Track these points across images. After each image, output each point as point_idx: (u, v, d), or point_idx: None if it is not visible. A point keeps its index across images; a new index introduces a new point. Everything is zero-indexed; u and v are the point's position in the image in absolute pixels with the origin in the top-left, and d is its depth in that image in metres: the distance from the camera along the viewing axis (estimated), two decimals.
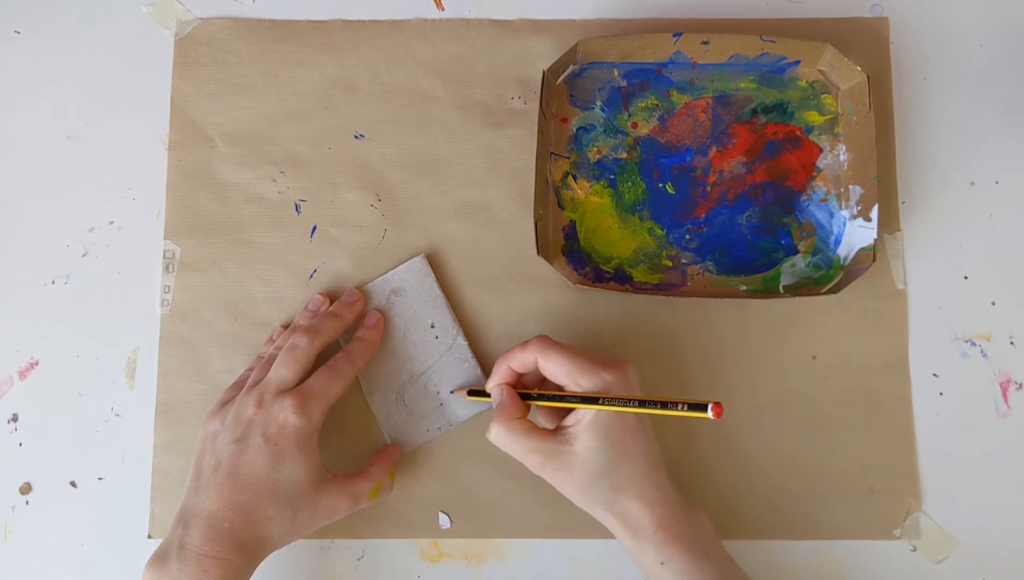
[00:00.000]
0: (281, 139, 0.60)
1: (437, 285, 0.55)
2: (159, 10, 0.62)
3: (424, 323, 0.54)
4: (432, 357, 0.54)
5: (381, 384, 0.54)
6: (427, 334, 0.54)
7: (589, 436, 0.47)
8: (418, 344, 0.54)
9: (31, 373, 0.58)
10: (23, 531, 0.56)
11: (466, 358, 0.54)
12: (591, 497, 0.48)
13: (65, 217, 0.59)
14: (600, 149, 0.59)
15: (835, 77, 0.59)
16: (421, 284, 0.55)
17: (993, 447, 0.56)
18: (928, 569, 0.55)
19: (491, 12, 0.61)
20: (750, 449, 0.56)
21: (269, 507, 0.48)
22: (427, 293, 0.55)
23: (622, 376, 0.48)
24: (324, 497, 0.49)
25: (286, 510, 0.48)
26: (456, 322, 0.54)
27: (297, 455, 0.48)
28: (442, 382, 0.55)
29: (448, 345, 0.54)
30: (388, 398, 0.54)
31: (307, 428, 0.49)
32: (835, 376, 0.57)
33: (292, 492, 0.48)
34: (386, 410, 0.54)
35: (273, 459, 0.48)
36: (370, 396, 0.54)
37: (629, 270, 0.58)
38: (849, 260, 0.57)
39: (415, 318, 0.54)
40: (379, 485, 0.52)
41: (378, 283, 0.55)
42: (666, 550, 0.47)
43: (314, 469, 0.49)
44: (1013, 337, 0.57)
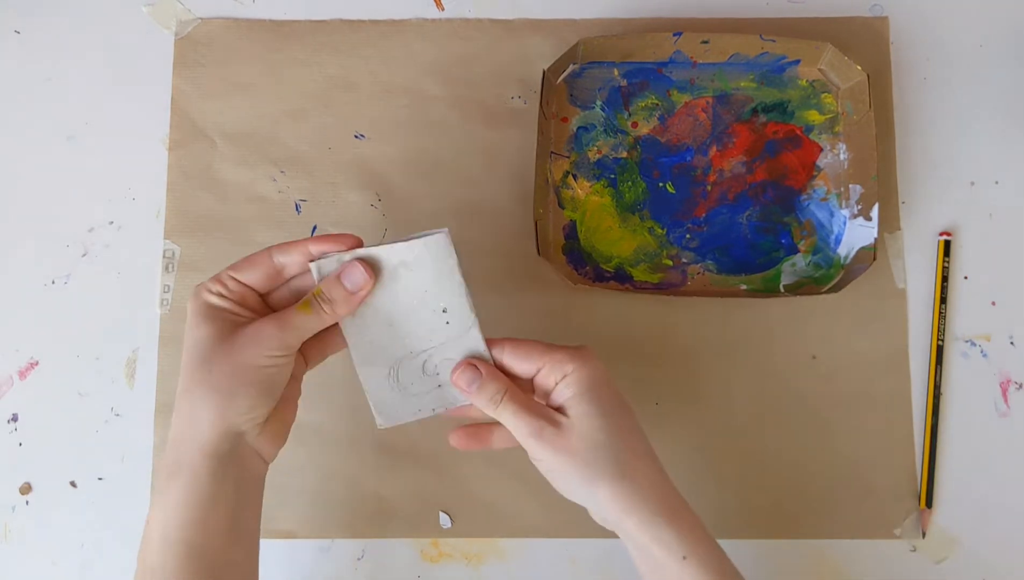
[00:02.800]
0: (281, 139, 0.60)
1: (458, 269, 0.47)
2: (159, 10, 0.62)
3: (435, 305, 0.47)
4: (437, 339, 0.48)
5: (374, 357, 0.48)
6: (436, 316, 0.48)
7: (582, 403, 0.44)
8: (424, 323, 0.48)
9: (31, 373, 0.58)
10: (23, 531, 0.56)
11: (478, 351, 0.48)
12: (595, 469, 0.43)
13: (65, 217, 0.59)
14: (600, 148, 0.59)
15: (835, 76, 0.59)
16: (440, 264, 0.47)
17: (993, 447, 0.56)
18: (928, 569, 0.55)
19: (491, 12, 0.61)
20: (750, 449, 0.56)
21: (186, 381, 0.43)
22: (445, 275, 0.47)
23: (582, 354, 0.46)
24: (242, 330, 0.43)
25: (202, 369, 0.43)
26: (474, 313, 0.47)
27: (197, 320, 0.44)
28: (444, 366, 0.48)
29: (459, 333, 0.48)
30: (380, 371, 0.48)
31: (197, 302, 0.44)
32: (835, 376, 0.57)
33: (202, 349, 0.43)
34: (376, 383, 0.48)
35: (185, 345, 0.44)
36: (360, 367, 0.48)
37: (629, 269, 0.58)
38: (849, 259, 0.57)
39: (425, 297, 0.47)
40: (307, 300, 0.45)
41: (387, 251, 0.46)
42: (689, 542, 0.43)
43: (221, 321, 0.44)
44: (1013, 337, 0.57)
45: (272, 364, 0.43)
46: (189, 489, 0.42)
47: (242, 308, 0.45)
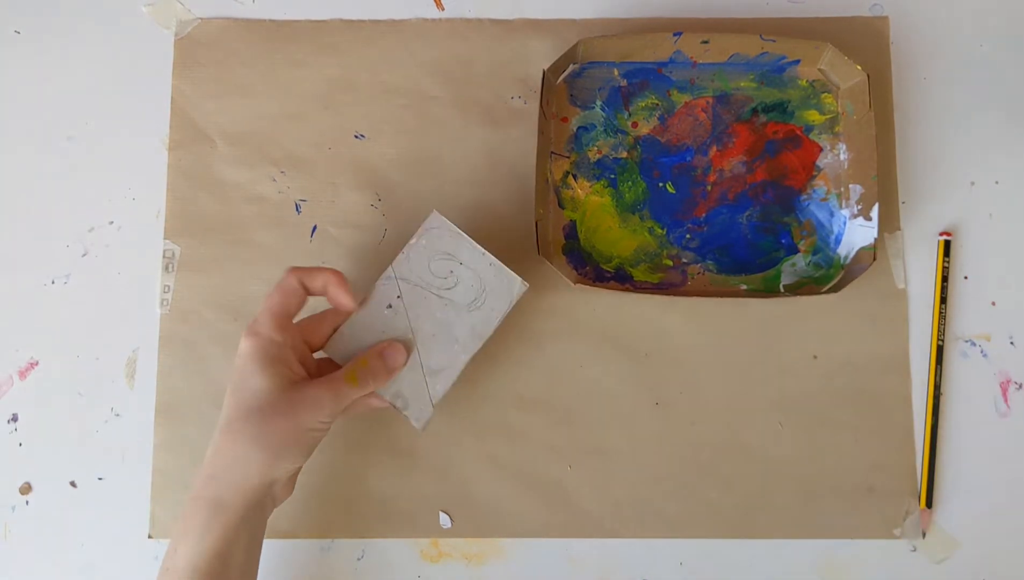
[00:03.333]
0: (281, 139, 0.60)
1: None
2: (159, 10, 0.62)
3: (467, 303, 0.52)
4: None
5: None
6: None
7: None
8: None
9: (31, 373, 0.58)
10: (23, 531, 0.56)
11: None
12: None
13: (65, 217, 0.59)
14: (600, 148, 0.59)
15: (835, 76, 0.59)
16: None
17: (993, 447, 0.56)
18: (928, 569, 0.55)
19: (491, 12, 0.61)
20: (750, 448, 0.56)
21: (236, 424, 0.45)
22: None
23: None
24: (301, 391, 0.46)
25: (256, 421, 0.45)
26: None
27: (255, 365, 0.46)
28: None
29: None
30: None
31: (258, 343, 0.46)
32: (835, 376, 0.57)
33: (260, 400, 0.45)
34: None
35: (236, 386, 0.46)
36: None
37: (629, 269, 0.58)
38: (849, 259, 0.57)
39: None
40: (354, 371, 0.48)
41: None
42: None
43: (280, 375, 0.46)
44: (1013, 337, 0.57)
45: (322, 429, 0.47)
46: (225, 527, 0.45)
47: (297, 363, 0.48)
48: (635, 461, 0.56)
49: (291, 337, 0.48)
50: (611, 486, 0.56)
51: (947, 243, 0.58)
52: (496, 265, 0.51)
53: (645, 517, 0.55)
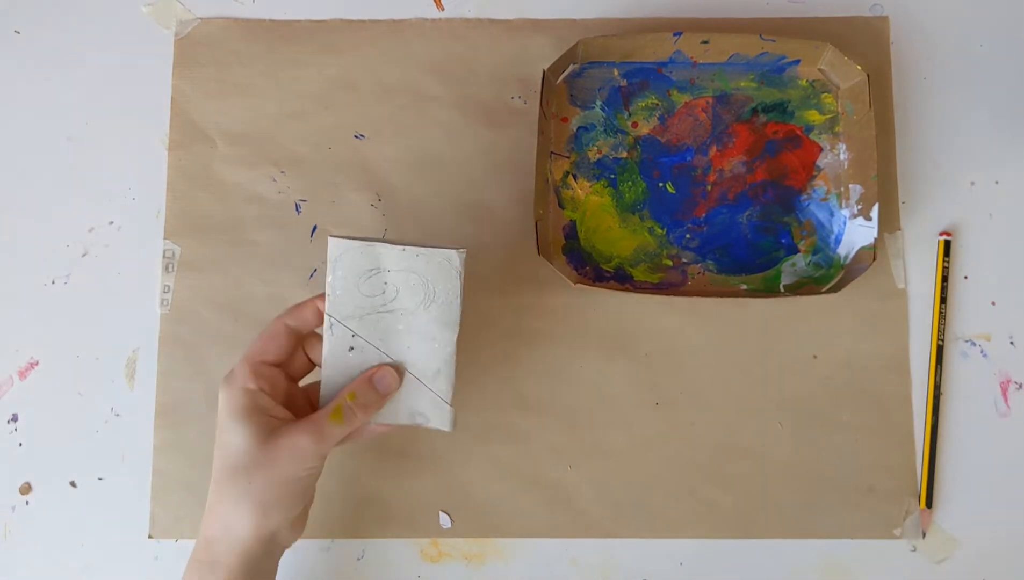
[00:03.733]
0: (281, 139, 0.60)
1: (458, 292, 0.48)
2: (159, 10, 0.62)
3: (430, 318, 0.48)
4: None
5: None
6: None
7: None
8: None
9: (31, 373, 0.58)
10: (23, 531, 0.56)
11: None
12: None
13: (65, 217, 0.59)
14: (600, 148, 0.59)
15: (835, 76, 0.59)
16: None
17: (993, 447, 0.56)
18: (928, 569, 0.55)
19: (491, 12, 0.61)
20: (750, 449, 0.56)
21: (222, 485, 0.44)
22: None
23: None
24: (279, 441, 0.44)
25: (240, 479, 0.44)
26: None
27: (231, 421, 0.44)
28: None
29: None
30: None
31: (231, 395, 0.45)
32: (835, 376, 0.57)
33: (239, 457, 0.44)
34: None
35: (218, 444, 0.45)
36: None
37: (629, 269, 0.58)
38: (849, 259, 0.57)
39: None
40: (339, 407, 0.46)
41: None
42: None
43: (256, 426, 0.44)
44: (1013, 337, 0.57)
45: (308, 476, 0.45)
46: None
47: (274, 401, 0.46)
48: (635, 461, 0.56)
49: (267, 381, 0.46)
50: (611, 486, 0.56)
51: (947, 243, 0.58)
52: (423, 252, 0.47)
53: (645, 517, 0.55)
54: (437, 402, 0.48)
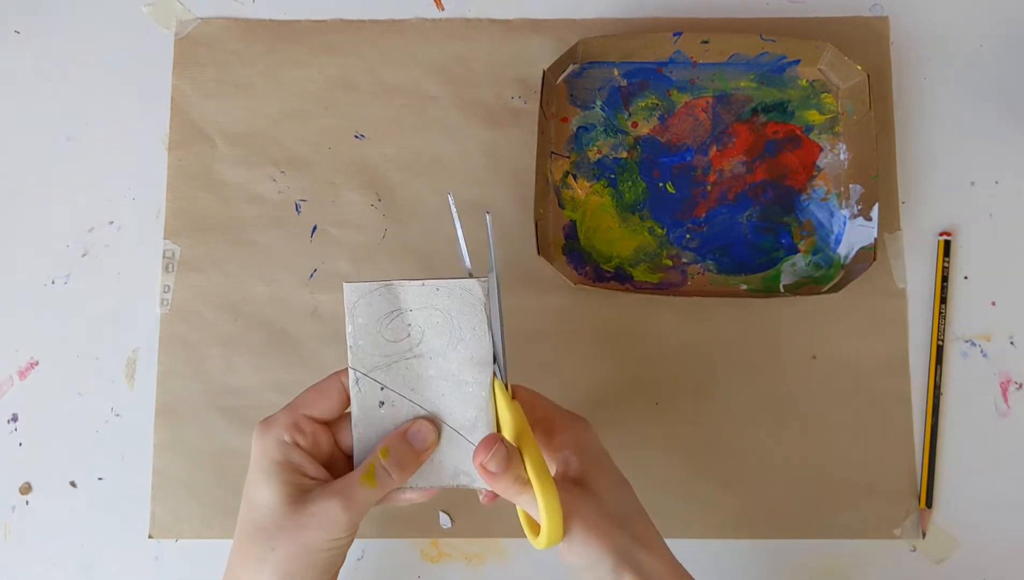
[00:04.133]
0: (281, 139, 0.60)
1: (485, 320, 0.43)
2: (159, 10, 0.62)
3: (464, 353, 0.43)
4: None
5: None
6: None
7: (596, 471, 0.42)
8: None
9: (31, 373, 0.58)
10: (23, 531, 0.56)
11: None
12: (620, 554, 0.40)
13: (65, 217, 0.59)
14: (600, 148, 0.59)
15: (835, 76, 0.59)
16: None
17: (993, 447, 0.56)
18: (928, 569, 0.55)
19: (491, 12, 0.61)
20: (750, 449, 0.56)
21: (245, 544, 0.41)
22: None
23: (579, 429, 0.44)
24: (308, 507, 0.40)
25: (263, 542, 0.40)
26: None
27: (260, 474, 0.41)
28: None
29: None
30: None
31: (265, 445, 0.42)
32: (835, 376, 0.57)
33: (265, 517, 0.40)
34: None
35: (245, 495, 0.42)
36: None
37: (629, 269, 0.58)
38: (849, 259, 0.57)
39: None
40: (371, 467, 0.42)
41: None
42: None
43: (287, 484, 0.41)
44: (1013, 337, 0.57)
45: (336, 548, 0.41)
46: None
47: (311, 461, 0.42)
48: (635, 461, 0.56)
49: (308, 437, 0.42)
50: None
51: (947, 243, 0.58)
52: (443, 285, 0.42)
53: None
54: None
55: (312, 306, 0.58)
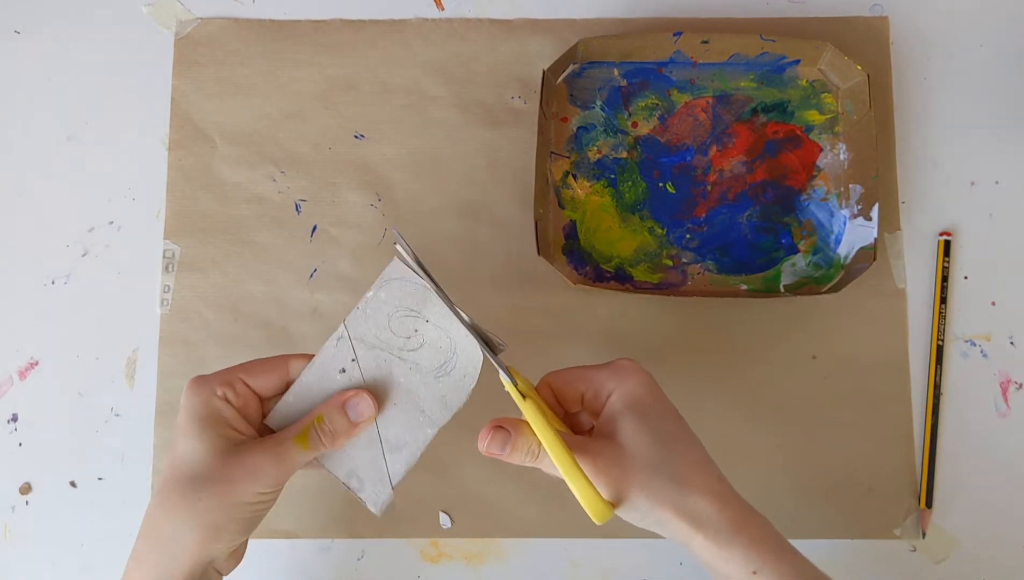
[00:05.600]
0: (281, 139, 0.60)
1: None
2: (159, 10, 0.62)
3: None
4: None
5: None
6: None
7: (628, 422, 0.42)
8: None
9: (31, 373, 0.58)
10: (23, 531, 0.56)
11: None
12: (656, 497, 0.41)
13: (65, 217, 0.59)
14: (600, 148, 0.59)
15: (835, 76, 0.59)
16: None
17: (993, 447, 0.56)
18: (928, 569, 0.55)
19: (491, 12, 0.61)
20: (750, 449, 0.56)
21: (169, 496, 0.40)
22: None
23: (624, 368, 0.45)
24: (239, 458, 0.40)
25: (188, 493, 0.40)
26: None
27: (190, 427, 0.41)
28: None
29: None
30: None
31: (197, 398, 0.41)
32: (835, 376, 0.57)
33: (193, 467, 0.40)
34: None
35: (172, 448, 0.41)
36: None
37: (629, 269, 0.58)
38: (849, 259, 0.57)
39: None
40: (306, 430, 0.42)
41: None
42: (756, 555, 0.40)
43: (217, 436, 0.41)
44: (1013, 337, 0.57)
45: (262, 502, 0.41)
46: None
47: (242, 419, 0.42)
48: None
49: (240, 397, 0.42)
50: None
51: (947, 243, 0.58)
52: (460, 329, 0.43)
53: None
54: (382, 478, 0.43)
55: (312, 306, 0.58)
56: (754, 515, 0.42)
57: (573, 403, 0.45)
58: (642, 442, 0.42)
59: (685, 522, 0.41)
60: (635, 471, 0.41)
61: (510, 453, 0.42)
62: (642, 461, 0.41)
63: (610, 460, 0.41)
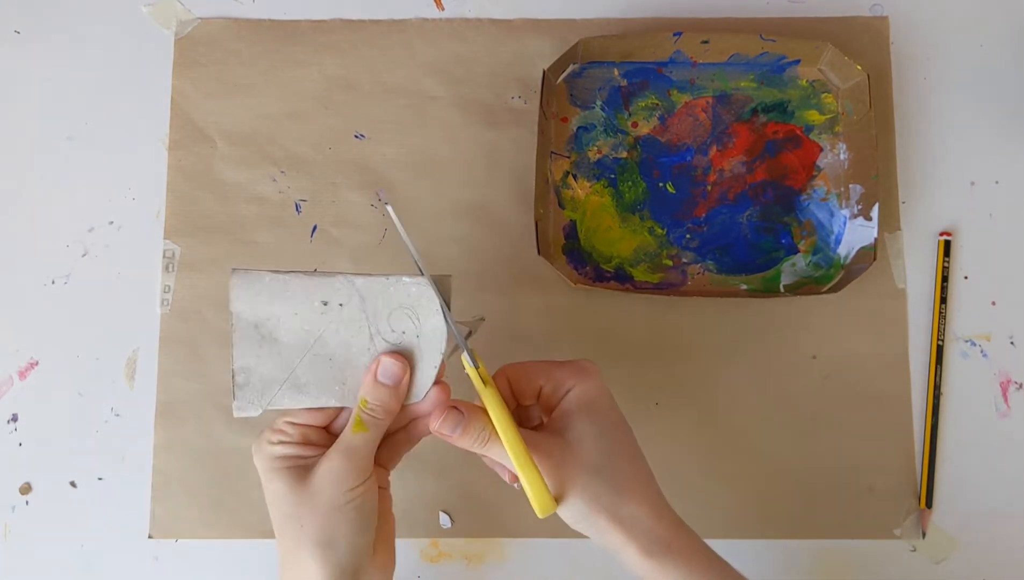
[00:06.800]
0: (281, 139, 0.60)
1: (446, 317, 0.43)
2: (159, 10, 0.62)
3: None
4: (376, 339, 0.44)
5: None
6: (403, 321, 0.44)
7: (581, 422, 0.43)
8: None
9: (31, 373, 0.58)
10: (23, 531, 0.56)
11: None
12: (595, 501, 0.42)
13: (65, 217, 0.59)
14: (600, 148, 0.59)
15: (835, 76, 0.59)
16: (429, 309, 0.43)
17: (993, 447, 0.56)
18: (928, 569, 0.55)
19: (491, 12, 0.61)
20: (750, 449, 0.56)
21: (282, 538, 0.42)
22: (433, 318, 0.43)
23: (583, 369, 0.45)
24: (314, 478, 0.42)
25: (292, 525, 0.42)
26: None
27: (267, 479, 0.42)
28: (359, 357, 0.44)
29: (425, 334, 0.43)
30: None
31: (262, 452, 0.43)
32: (835, 376, 0.57)
33: (285, 505, 0.42)
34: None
35: (270, 507, 0.43)
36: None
37: (629, 269, 0.58)
38: (849, 259, 0.57)
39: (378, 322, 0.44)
40: (357, 417, 0.43)
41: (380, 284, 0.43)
42: (686, 567, 0.41)
43: (290, 471, 0.42)
44: (1013, 337, 0.57)
45: (356, 497, 0.42)
46: None
47: (306, 447, 0.43)
48: None
49: (290, 434, 0.43)
50: None
51: (947, 243, 0.58)
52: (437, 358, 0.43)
53: None
54: (263, 395, 0.43)
55: None
56: (687, 530, 0.43)
57: (529, 396, 0.46)
58: (590, 444, 0.42)
59: (620, 529, 0.42)
60: (578, 471, 0.42)
61: (460, 435, 0.43)
62: (587, 462, 0.42)
63: (555, 457, 0.42)
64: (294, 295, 0.43)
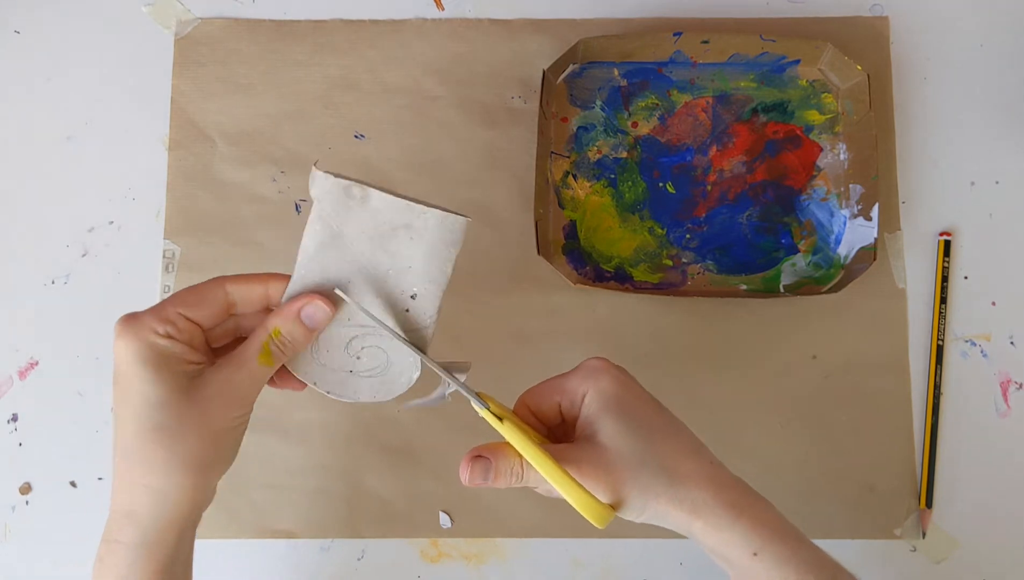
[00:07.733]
0: (281, 139, 0.60)
1: (452, 264, 0.42)
2: (159, 10, 0.62)
3: (408, 286, 0.42)
4: (387, 321, 0.42)
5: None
6: (403, 298, 0.42)
7: (606, 421, 0.41)
8: (385, 298, 0.42)
9: (31, 373, 0.58)
10: (23, 531, 0.56)
11: (412, 364, 0.43)
12: (648, 491, 0.40)
13: (65, 217, 0.59)
14: (600, 148, 0.59)
15: (835, 76, 0.59)
16: (441, 248, 0.42)
17: (993, 447, 0.56)
18: (928, 569, 0.55)
19: (491, 12, 0.61)
20: (750, 449, 0.56)
21: (143, 449, 0.38)
22: (437, 263, 0.42)
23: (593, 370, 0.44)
24: (206, 390, 0.38)
25: (165, 439, 0.38)
26: (437, 316, 0.43)
27: (138, 373, 0.38)
28: (368, 354, 0.43)
29: (415, 325, 0.42)
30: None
31: (137, 341, 0.38)
32: (835, 376, 0.57)
33: (160, 413, 0.38)
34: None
35: (122, 401, 0.38)
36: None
37: (629, 269, 0.58)
38: (849, 259, 0.57)
39: (404, 273, 0.42)
40: (265, 346, 0.40)
41: (401, 205, 0.41)
42: (757, 537, 0.40)
43: (173, 374, 0.38)
44: (1013, 337, 0.57)
45: (242, 423, 0.40)
46: (163, 566, 0.39)
47: (192, 350, 0.39)
48: None
49: (183, 331, 0.39)
50: None
51: (947, 243, 0.58)
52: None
53: None
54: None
55: None
56: (754, 497, 0.42)
57: (552, 416, 0.44)
58: (623, 439, 0.41)
59: (682, 511, 0.41)
60: (622, 469, 0.40)
61: (494, 478, 0.41)
62: (627, 458, 0.41)
63: (595, 463, 0.41)
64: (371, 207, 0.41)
